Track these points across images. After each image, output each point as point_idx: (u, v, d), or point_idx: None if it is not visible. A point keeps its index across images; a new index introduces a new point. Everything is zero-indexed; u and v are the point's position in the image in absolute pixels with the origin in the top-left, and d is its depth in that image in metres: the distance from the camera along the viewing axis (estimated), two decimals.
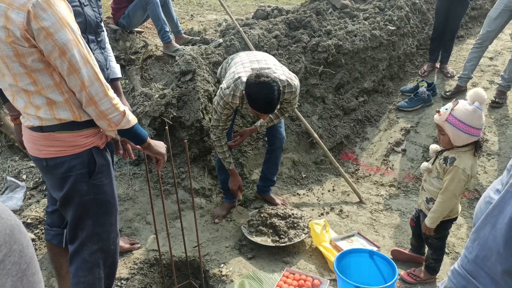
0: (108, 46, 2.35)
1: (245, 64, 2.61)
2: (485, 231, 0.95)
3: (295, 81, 2.61)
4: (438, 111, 2.11)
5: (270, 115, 2.79)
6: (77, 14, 1.99)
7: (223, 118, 2.64)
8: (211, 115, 2.79)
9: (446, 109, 2.07)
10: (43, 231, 2.70)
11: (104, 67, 2.20)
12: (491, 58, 4.81)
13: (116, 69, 2.40)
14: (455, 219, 2.30)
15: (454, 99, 2.15)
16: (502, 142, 3.72)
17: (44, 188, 3.04)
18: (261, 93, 2.30)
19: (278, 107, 2.64)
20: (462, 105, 2.03)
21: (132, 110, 2.60)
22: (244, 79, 2.46)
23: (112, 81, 2.37)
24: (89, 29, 2.09)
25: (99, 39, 2.19)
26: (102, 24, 2.25)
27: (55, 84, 1.56)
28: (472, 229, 1.16)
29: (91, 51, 2.10)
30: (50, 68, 1.54)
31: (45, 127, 1.61)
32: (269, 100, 2.32)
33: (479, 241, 0.96)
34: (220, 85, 2.59)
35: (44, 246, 2.62)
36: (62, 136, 1.63)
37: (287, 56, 3.94)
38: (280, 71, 2.58)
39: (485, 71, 4.66)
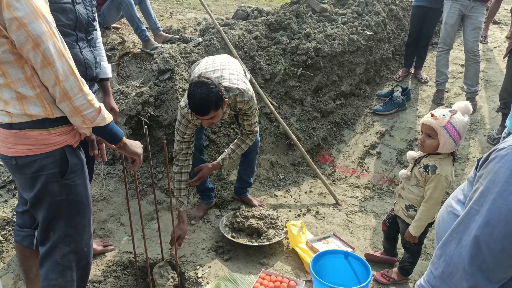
0: (100, 45, 2.31)
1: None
2: (451, 248, 0.96)
3: (249, 91, 2.53)
4: (434, 115, 2.08)
5: (231, 146, 2.78)
6: (68, 11, 1.96)
7: (186, 138, 2.56)
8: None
9: (444, 115, 2.06)
10: (11, 232, 2.59)
11: (92, 66, 2.14)
12: (462, 65, 4.98)
13: (107, 69, 2.36)
14: (433, 222, 2.34)
15: (444, 106, 2.17)
16: (472, 146, 3.86)
17: (13, 187, 2.92)
18: (196, 91, 2.25)
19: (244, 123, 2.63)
20: (460, 115, 2.06)
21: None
22: None
23: (101, 81, 2.33)
24: (80, 27, 2.04)
25: (89, 37, 2.14)
26: (96, 23, 2.19)
27: (26, 78, 1.50)
28: (435, 238, 1.18)
29: (80, 48, 2.05)
30: (22, 61, 1.48)
31: (14, 124, 1.55)
32: (203, 100, 2.25)
33: (445, 258, 0.97)
34: (179, 104, 2.51)
35: (12, 248, 2.52)
36: (33, 134, 1.57)
37: (267, 57, 3.95)
38: (235, 80, 2.51)
39: (457, 78, 4.82)
